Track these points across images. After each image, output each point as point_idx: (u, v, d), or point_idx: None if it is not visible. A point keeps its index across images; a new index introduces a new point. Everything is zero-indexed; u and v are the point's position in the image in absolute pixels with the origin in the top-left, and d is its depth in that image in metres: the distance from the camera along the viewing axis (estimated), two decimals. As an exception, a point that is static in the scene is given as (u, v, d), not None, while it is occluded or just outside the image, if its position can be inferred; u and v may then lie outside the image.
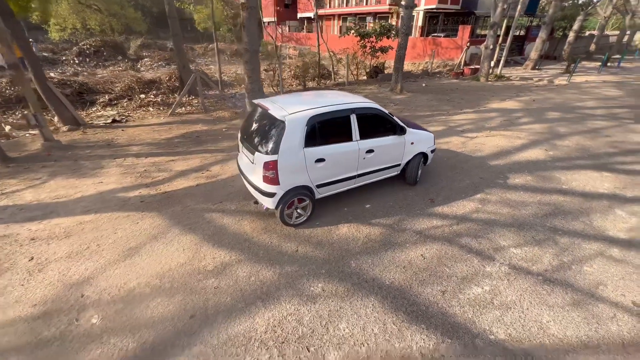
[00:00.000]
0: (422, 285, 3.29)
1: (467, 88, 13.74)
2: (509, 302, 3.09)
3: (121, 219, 4.41)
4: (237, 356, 2.58)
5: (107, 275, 3.41)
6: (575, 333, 2.78)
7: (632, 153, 6.64)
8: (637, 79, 15.74)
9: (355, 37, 14.88)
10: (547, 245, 3.89)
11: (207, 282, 3.33)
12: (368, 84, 14.56)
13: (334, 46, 18.51)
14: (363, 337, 2.74)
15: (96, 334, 2.76)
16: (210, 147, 7.15)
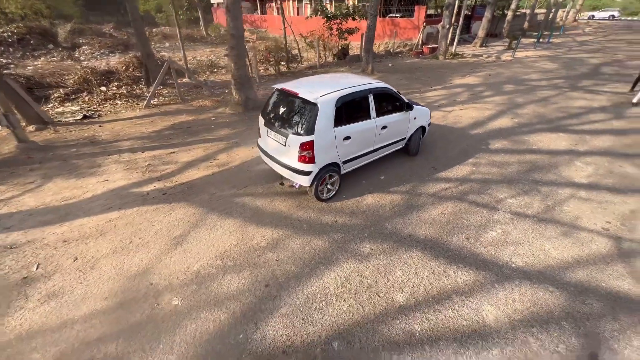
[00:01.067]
0: (449, 235, 3.93)
1: (430, 66, 14.74)
2: (518, 239, 3.86)
3: (151, 212, 4.41)
4: (322, 310, 2.99)
5: (165, 263, 3.52)
6: (570, 254, 3.63)
7: (576, 116, 7.98)
8: (564, 53, 18.09)
9: (322, 19, 14.95)
10: (533, 194, 4.78)
11: (266, 256, 3.62)
12: (339, 65, 14.88)
13: (298, 29, 18.35)
14: (418, 280, 3.30)
15: (184, 312, 2.96)
16: (206, 136, 7.07)
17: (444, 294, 3.14)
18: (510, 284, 3.26)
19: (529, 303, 3.05)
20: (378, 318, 2.91)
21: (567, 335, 2.76)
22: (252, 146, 6.49)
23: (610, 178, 5.18)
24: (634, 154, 5.97)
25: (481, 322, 2.87)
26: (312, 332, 2.79)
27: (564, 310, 2.98)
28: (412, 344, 2.68)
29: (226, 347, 2.67)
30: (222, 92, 10.68)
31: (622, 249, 3.72)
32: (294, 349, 2.66)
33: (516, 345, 2.67)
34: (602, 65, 14.19)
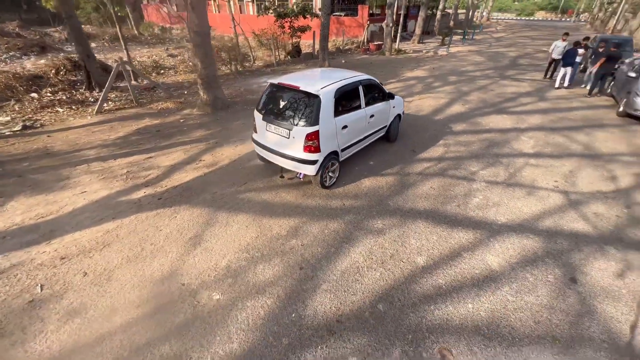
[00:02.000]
0: (443, 205, 4.51)
1: (380, 62, 15.76)
2: (496, 202, 4.59)
3: (152, 218, 4.21)
4: (358, 280, 3.28)
5: (190, 264, 3.46)
6: (537, 208, 4.45)
7: (511, 100, 9.41)
8: (487, 47, 20.76)
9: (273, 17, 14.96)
10: (497, 165, 5.65)
11: (290, 243, 3.77)
12: (295, 63, 15.07)
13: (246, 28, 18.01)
14: (430, 244, 3.78)
15: (228, 304, 3.00)
16: (181, 139, 6.77)
17: (454, 252, 3.66)
18: (501, 236, 3.91)
19: (518, 249, 3.72)
20: (408, 279, 3.30)
21: (552, 267, 3.46)
22: (234, 145, 6.43)
23: (549, 147, 6.35)
24: (559, 127, 7.34)
25: (489, 269, 3.43)
26: (356, 300, 3.06)
27: (544, 250, 3.70)
28: (442, 295, 3.13)
29: (282, 326, 2.80)
30: (181, 94, 10.15)
31: (570, 199, 4.67)
32: (346, 316, 2.90)
33: (519, 281, 3.29)
34: (518, 58, 16.69)
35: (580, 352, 2.64)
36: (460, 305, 3.02)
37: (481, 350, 2.63)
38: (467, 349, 2.64)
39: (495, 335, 2.75)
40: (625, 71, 8.94)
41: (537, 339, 2.72)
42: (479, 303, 3.04)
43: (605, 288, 3.24)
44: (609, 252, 3.70)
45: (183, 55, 17.33)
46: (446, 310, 2.97)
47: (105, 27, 26.93)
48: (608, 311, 2.99)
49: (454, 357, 2.58)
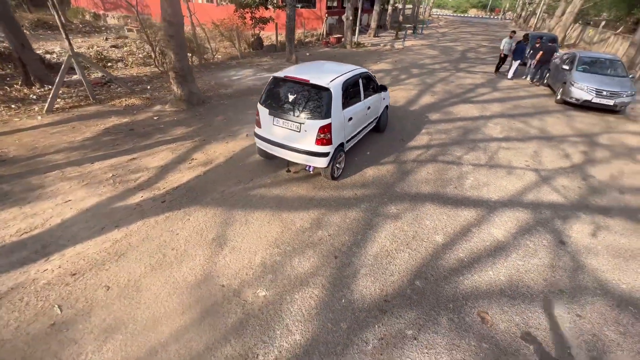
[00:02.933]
0: (443, 188, 4.94)
1: (343, 55, 16.05)
2: (485, 182, 5.16)
3: (163, 222, 3.95)
4: (391, 262, 3.51)
5: (223, 264, 3.37)
6: (518, 185, 5.11)
7: (471, 91, 10.38)
8: (437, 42, 22.32)
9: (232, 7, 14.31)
10: (477, 149, 6.29)
11: (317, 234, 3.85)
12: (259, 56, 14.66)
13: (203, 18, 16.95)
14: (443, 223, 4.15)
15: (277, 299, 3.02)
16: (162, 137, 6.31)
17: (464, 228, 4.08)
18: (497, 212, 4.44)
19: (514, 221, 4.27)
20: (433, 256, 3.61)
21: (544, 234, 4.06)
22: (224, 142, 6.19)
23: (513, 132, 7.21)
24: (516, 114, 8.35)
25: (496, 240, 3.91)
26: (395, 280, 3.28)
27: (534, 220, 4.31)
28: (465, 266, 3.50)
29: (337, 312, 2.92)
30: (143, 89, 9.33)
31: (541, 175, 5.44)
32: (391, 295, 3.11)
33: (522, 248, 3.80)
34: (466, 52, 18.27)
35: (582, 299, 3.19)
36: (483, 274, 3.41)
37: (510, 308, 3.04)
38: (499, 309, 3.03)
39: (517, 294, 3.19)
40: (559, 64, 10.42)
41: (549, 294, 3.21)
42: (497, 270, 3.47)
43: (586, 246, 3.90)
44: (581, 217, 4.44)
45: (130, 46, 15.82)
46: (472, 279, 3.35)
47: (20, 10, 23.19)
48: (593, 264, 3.63)
49: (491, 317, 2.94)
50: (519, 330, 2.85)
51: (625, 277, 3.47)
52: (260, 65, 12.56)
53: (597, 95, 8.52)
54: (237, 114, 7.60)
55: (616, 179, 5.49)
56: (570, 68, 9.53)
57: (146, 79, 10.33)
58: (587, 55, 9.92)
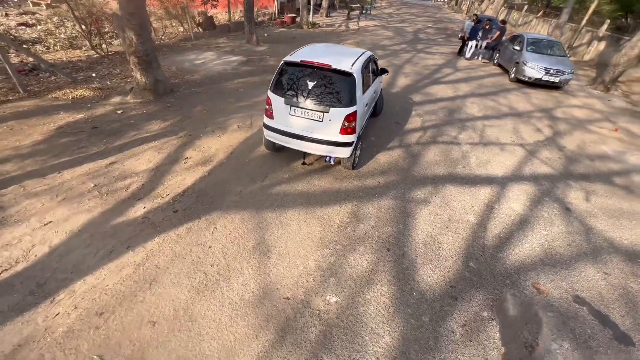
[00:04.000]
0: (454, 168, 5.13)
1: (302, 35, 15.42)
2: (486, 160, 5.49)
3: (186, 235, 3.42)
4: (440, 247, 3.55)
5: (276, 274, 3.06)
6: (514, 160, 5.54)
7: (438, 72, 10.85)
8: (387, 22, 22.74)
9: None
10: (467, 129, 6.63)
11: (360, 228, 3.72)
12: (215, 37, 13.30)
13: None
14: (469, 203, 4.32)
15: (349, 303, 2.86)
16: (138, 135, 5.41)
17: (488, 206, 4.31)
18: (507, 187, 4.77)
19: (524, 194, 4.63)
20: (473, 236, 3.76)
21: (551, 203, 4.48)
22: (215, 135, 5.56)
23: (489, 110, 7.76)
24: (485, 93, 8.99)
25: (518, 214, 4.21)
26: (451, 264, 3.34)
27: (539, 191, 4.73)
28: (504, 242, 3.71)
29: (413, 307, 2.87)
30: (87, 77, 7.85)
31: (527, 150, 5.98)
32: (453, 280, 3.16)
33: (540, 218, 4.16)
34: (416, 33, 18.96)
35: (602, 258, 3.62)
36: (521, 246, 3.66)
37: (554, 276, 3.32)
38: (546, 278, 3.29)
39: (554, 262, 3.50)
40: (508, 45, 11.41)
41: (577, 257, 3.59)
42: (530, 241, 3.75)
43: (586, 210, 4.42)
44: (571, 184, 5.00)
45: (46, 24, 13.18)
46: (515, 253, 3.57)
47: None
48: (597, 226, 4.14)
49: (544, 287, 3.18)
50: (569, 294, 3.13)
51: (624, 234, 4.03)
52: (220, 48, 11.43)
53: (547, 74, 9.56)
54: (216, 103, 6.85)
55: (582, 148, 6.29)
56: (520, 49, 10.49)
57: (84, 65, 8.70)
58: (532, 36, 10.99)
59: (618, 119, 8.17)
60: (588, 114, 8.29)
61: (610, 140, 6.80)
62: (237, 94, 7.43)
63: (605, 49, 14.64)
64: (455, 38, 18.38)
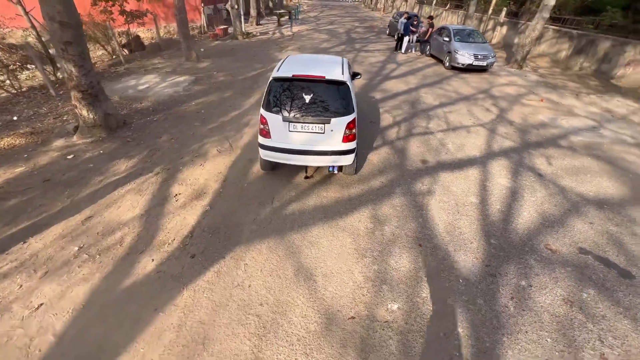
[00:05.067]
0: (439, 155, 5.52)
1: (240, 47, 14.98)
2: (462, 143, 6.02)
3: (216, 280, 3.12)
4: (460, 233, 3.81)
5: (330, 296, 2.98)
6: (482, 140, 6.17)
7: (383, 68, 11.50)
8: (318, 26, 23.31)
9: None
10: (433, 118, 7.18)
11: (386, 230, 3.80)
12: (147, 57, 12.16)
13: (38, 13, 12.71)
14: (465, 186, 4.70)
15: (411, 305, 2.92)
16: (106, 179, 4.72)
17: (481, 185, 4.74)
18: (487, 164, 5.31)
19: (503, 169, 5.20)
20: (482, 215, 4.11)
21: (526, 172, 5.11)
22: (198, 165, 5.15)
23: (442, 98, 8.51)
24: (431, 83, 9.83)
25: (506, 186, 4.71)
26: (477, 245, 3.62)
27: (512, 163, 5.35)
28: (509, 214, 4.13)
29: (465, 293, 3.04)
30: (7, 122, 6.59)
31: (488, 128, 6.71)
32: (485, 260, 3.43)
33: (525, 187, 4.71)
34: (348, 33, 19.83)
35: (582, 210, 4.26)
36: (523, 215, 4.12)
37: (557, 235, 3.81)
38: (552, 238, 3.76)
39: (551, 223, 4.01)
40: (437, 37, 12.64)
41: (565, 215, 4.16)
42: (527, 209, 4.24)
43: (552, 173, 5.14)
44: (532, 153, 5.77)
45: None
46: (521, 222, 4.00)
47: None
48: (566, 184, 4.84)
49: (553, 245, 3.64)
50: (574, 248, 3.63)
51: (587, 187, 4.79)
52: (159, 69, 10.52)
53: (476, 59, 10.83)
54: (182, 129, 6.32)
55: (526, 120, 7.29)
56: (449, 39, 11.70)
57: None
58: (456, 28, 12.33)
59: (538, 90, 9.63)
60: (516, 89, 9.60)
61: (542, 110, 7.99)
62: (201, 117, 6.95)
63: (507, 32, 17.09)
64: (383, 35, 19.73)
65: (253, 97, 8.14)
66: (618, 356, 2.54)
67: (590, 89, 10.16)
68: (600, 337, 2.68)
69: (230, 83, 9.26)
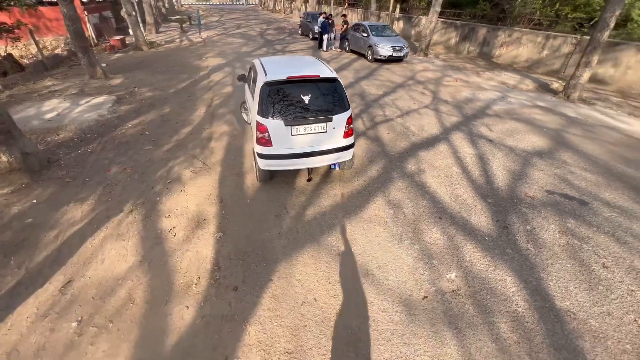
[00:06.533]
0: (409, 138, 6.05)
1: (151, 58, 13.30)
2: (420, 124, 6.70)
3: (276, 304, 2.85)
4: (463, 200, 4.31)
5: (393, 285, 3.04)
6: (433, 119, 6.99)
7: (315, 66, 11.77)
8: (226, 31, 22.29)
9: None
10: (384, 106, 7.76)
11: (406, 213, 4.03)
12: (34, 79, 9.76)
13: None
14: (443, 160, 5.29)
15: (464, 271, 3.20)
16: (66, 231, 3.74)
17: (455, 156, 5.40)
18: (450, 138, 6.05)
19: (463, 140, 6.01)
20: (468, 181, 4.71)
21: (481, 141, 6.02)
22: (177, 190, 4.53)
23: (382, 88, 9.25)
24: (366, 75, 10.56)
25: (474, 154, 5.48)
26: (480, 208, 4.15)
27: (466, 134, 6.23)
28: (488, 177, 4.83)
29: (496, 246, 3.48)
30: None
31: (433, 109, 7.61)
32: (493, 216, 3.97)
33: (486, 153, 5.57)
34: (262, 35, 19.61)
35: (531, 162, 5.27)
36: (499, 174, 4.87)
37: (527, 184, 4.65)
38: (527, 188, 4.57)
39: (519, 175, 4.86)
40: (356, 34, 13.58)
41: (524, 167, 5.09)
42: (496, 169, 5.03)
43: (497, 137, 6.18)
44: (475, 123, 6.81)
45: None
46: (498, 181, 4.73)
47: None
48: (511, 144, 5.89)
49: (531, 193, 4.43)
50: (543, 191, 4.49)
51: (523, 144, 5.93)
52: (61, 92, 8.60)
53: (395, 51, 12.05)
54: (133, 156, 5.41)
55: (455, 97, 8.52)
56: (367, 35, 12.71)
57: None
58: (370, 24, 13.44)
59: (448, 72, 11.30)
60: (433, 74, 11.08)
61: (461, 88, 9.43)
62: (148, 139, 6.04)
63: (404, 26, 19.40)
64: (296, 35, 20.15)
65: (199, 110, 7.44)
66: (612, 260, 3.30)
67: (482, 67, 12.40)
68: (595, 252, 3.43)
69: (162, 98, 8.24)
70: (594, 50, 8.06)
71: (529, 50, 12.33)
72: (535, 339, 2.56)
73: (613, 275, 3.15)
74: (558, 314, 2.77)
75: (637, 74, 9.36)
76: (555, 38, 11.40)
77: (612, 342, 2.54)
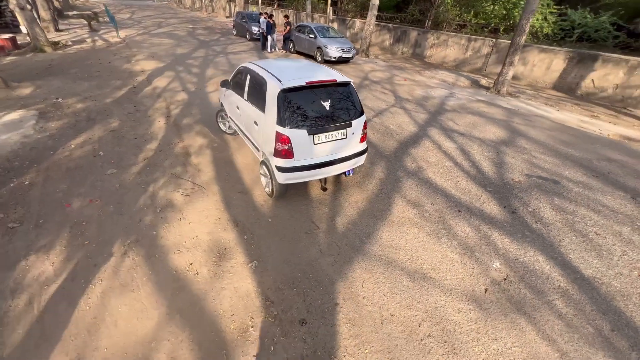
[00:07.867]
0: (391, 136, 6.27)
1: (62, 61, 10.94)
2: (399, 122, 7.00)
3: (354, 329, 2.64)
4: (469, 190, 4.65)
5: (453, 283, 3.11)
6: (408, 116, 7.39)
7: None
8: (147, 30, 19.82)
9: None
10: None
11: (428, 210, 4.16)
12: None
13: None
14: (434, 155, 5.63)
15: (505, 257, 3.45)
16: (38, 295, 2.87)
17: (443, 149, 5.79)
18: (428, 133, 6.47)
19: (442, 129, 6.50)
20: (464, 172, 5.11)
21: (450, 132, 6.59)
22: (176, 219, 3.86)
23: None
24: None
25: (453, 147, 5.96)
26: (485, 197, 4.53)
27: (439, 130, 6.75)
28: (476, 166, 5.31)
29: (515, 230, 3.84)
30: None
31: (399, 107, 8.03)
32: (499, 203, 4.38)
33: (461, 143, 6.12)
34: (192, 36, 18.05)
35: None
36: (484, 164, 5.38)
37: (509, 171, 5.25)
38: (511, 174, 5.16)
39: (499, 164, 5.45)
40: (302, 35, 13.50)
41: (499, 155, 5.74)
42: (481, 159, 5.55)
43: (464, 131, 6.83)
44: (440, 119, 7.41)
45: None
46: (487, 170, 5.23)
47: None
48: (478, 135, 6.59)
49: (516, 178, 5.02)
50: (524, 175, 5.12)
51: (488, 134, 6.68)
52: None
53: (343, 52, 12.35)
54: (95, 185, 4.43)
55: (413, 95, 9.15)
56: (314, 37, 12.75)
57: None
58: (316, 26, 13.51)
59: (394, 72, 12.08)
60: (382, 74, 11.71)
61: (412, 87, 10.18)
62: (106, 161, 4.99)
63: (338, 27, 20.05)
64: (230, 35, 19.14)
65: (157, 122, 6.46)
66: (599, 228, 3.95)
67: (420, 67, 13.60)
68: (586, 224, 4.05)
69: (101, 110, 6.91)
70: (515, 51, 9.54)
71: (455, 51, 13.97)
72: (585, 309, 2.90)
73: (606, 241, 3.76)
74: (590, 282, 3.18)
75: (540, 70, 11.42)
76: (475, 41, 13.15)
77: (636, 297, 3.03)
